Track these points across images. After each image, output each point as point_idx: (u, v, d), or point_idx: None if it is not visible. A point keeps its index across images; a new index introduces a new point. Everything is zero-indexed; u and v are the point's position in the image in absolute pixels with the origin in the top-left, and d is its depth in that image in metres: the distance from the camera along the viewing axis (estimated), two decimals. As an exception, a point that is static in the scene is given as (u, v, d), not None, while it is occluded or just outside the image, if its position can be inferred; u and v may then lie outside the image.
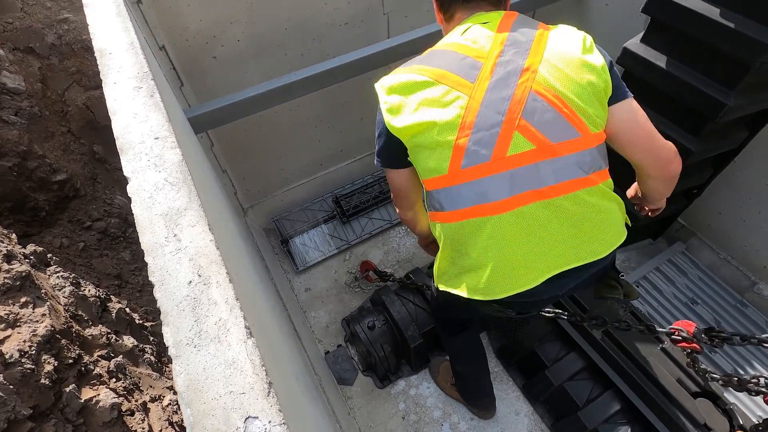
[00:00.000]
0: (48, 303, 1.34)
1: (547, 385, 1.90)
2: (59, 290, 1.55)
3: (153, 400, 1.55)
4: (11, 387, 1.07)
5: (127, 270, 2.30)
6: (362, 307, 2.31)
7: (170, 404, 1.60)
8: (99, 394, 1.31)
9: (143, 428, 1.38)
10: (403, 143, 1.06)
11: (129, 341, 1.68)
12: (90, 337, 1.49)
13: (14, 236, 1.56)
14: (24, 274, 1.29)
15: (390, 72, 1.11)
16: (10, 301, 1.23)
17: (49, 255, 1.69)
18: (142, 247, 0.67)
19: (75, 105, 2.41)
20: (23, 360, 1.13)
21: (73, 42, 2.50)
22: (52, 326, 1.27)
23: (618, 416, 1.76)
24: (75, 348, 1.35)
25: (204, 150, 2.03)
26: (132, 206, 0.73)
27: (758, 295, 2.16)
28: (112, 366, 1.46)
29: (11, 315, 1.20)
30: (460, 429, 1.98)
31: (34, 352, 1.16)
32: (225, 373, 0.55)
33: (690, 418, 1.60)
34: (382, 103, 1.08)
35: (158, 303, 0.61)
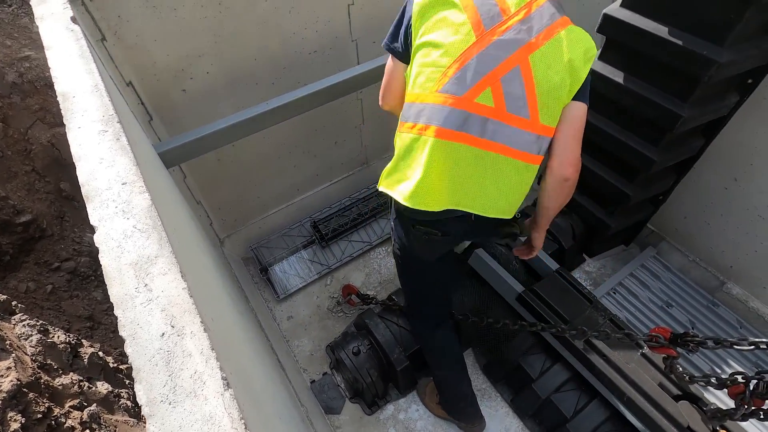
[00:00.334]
0: (13, 355, 1.28)
1: (535, 399, 1.91)
2: (26, 339, 1.48)
3: (131, 449, 1.48)
4: (-26, 451, 1.01)
5: (100, 310, 2.22)
6: (346, 333, 2.29)
7: (150, 451, 1.53)
8: (72, 449, 1.24)
9: (121, 481, 1.31)
10: (412, 37, 1.24)
11: (103, 387, 1.60)
12: (60, 387, 1.42)
13: (-25, 285, 1.49)
14: (-14, 327, 1.23)
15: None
16: (-28, 357, 1.17)
17: (14, 302, 1.61)
18: (112, 300, 0.65)
19: (39, 143, 2.34)
20: (-13, 420, 1.06)
21: (36, 79, 2.44)
22: (18, 380, 1.20)
23: (606, 425, 1.78)
24: (44, 401, 1.28)
25: (177, 183, 2.00)
26: (99, 257, 0.71)
27: (728, 294, 2.24)
28: (86, 416, 1.39)
29: (-27, 372, 1.13)
30: (452, 450, 1.95)
31: (-1, 411, 1.10)
32: (202, 430, 0.53)
33: (674, 422, 1.63)
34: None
35: (130, 359, 0.59)
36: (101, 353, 1.80)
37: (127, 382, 1.83)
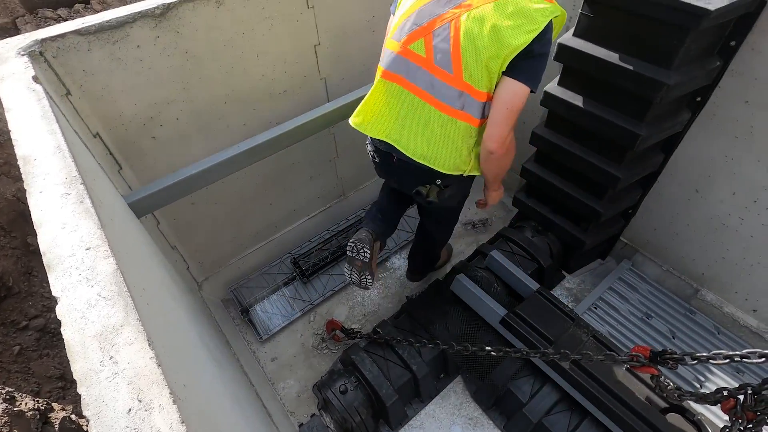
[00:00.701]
0: (-24, 431, 1.20)
1: (527, 424, 1.89)
2: (-10, 410, 1.39)
3: None
4: None
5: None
6: (332, 370, 2.23)
7: None
8: None
9: None
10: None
11: (76, 454, 1.52)
12: (29, 460, 1.34)
13: (-66, 357, 1.41)
14: (-55, 403, 1.16)
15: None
16: (-71, 439, 1.09)
17: (-22, 370, 1.53)
18: (75, 377, 0.63)
19: (4, 198, 2.28)
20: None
21: None
22: (-18, 458, 1.13)
23: (598, 445, 1.77)
24: (11, 478, 1.20)
25: (150, 230, 1.96)
26: (62, 330, 0.68)
27: (702, 301, 2.30)
28: (57, 489, 1.31)
29: (-70, 455, 1.06)
30: (448, 486, 1.90)
31: (-40, 496, 1.02)
32: None
33: (665, 437, 1.64)
34: None
35: (95, 441, 0.56)
36: (74, 416, 1.71)
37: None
